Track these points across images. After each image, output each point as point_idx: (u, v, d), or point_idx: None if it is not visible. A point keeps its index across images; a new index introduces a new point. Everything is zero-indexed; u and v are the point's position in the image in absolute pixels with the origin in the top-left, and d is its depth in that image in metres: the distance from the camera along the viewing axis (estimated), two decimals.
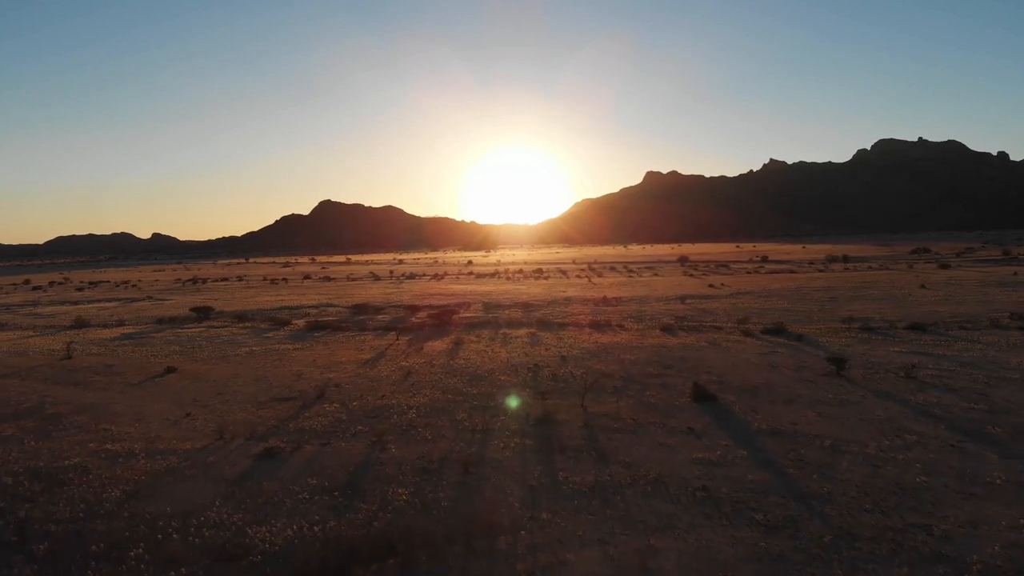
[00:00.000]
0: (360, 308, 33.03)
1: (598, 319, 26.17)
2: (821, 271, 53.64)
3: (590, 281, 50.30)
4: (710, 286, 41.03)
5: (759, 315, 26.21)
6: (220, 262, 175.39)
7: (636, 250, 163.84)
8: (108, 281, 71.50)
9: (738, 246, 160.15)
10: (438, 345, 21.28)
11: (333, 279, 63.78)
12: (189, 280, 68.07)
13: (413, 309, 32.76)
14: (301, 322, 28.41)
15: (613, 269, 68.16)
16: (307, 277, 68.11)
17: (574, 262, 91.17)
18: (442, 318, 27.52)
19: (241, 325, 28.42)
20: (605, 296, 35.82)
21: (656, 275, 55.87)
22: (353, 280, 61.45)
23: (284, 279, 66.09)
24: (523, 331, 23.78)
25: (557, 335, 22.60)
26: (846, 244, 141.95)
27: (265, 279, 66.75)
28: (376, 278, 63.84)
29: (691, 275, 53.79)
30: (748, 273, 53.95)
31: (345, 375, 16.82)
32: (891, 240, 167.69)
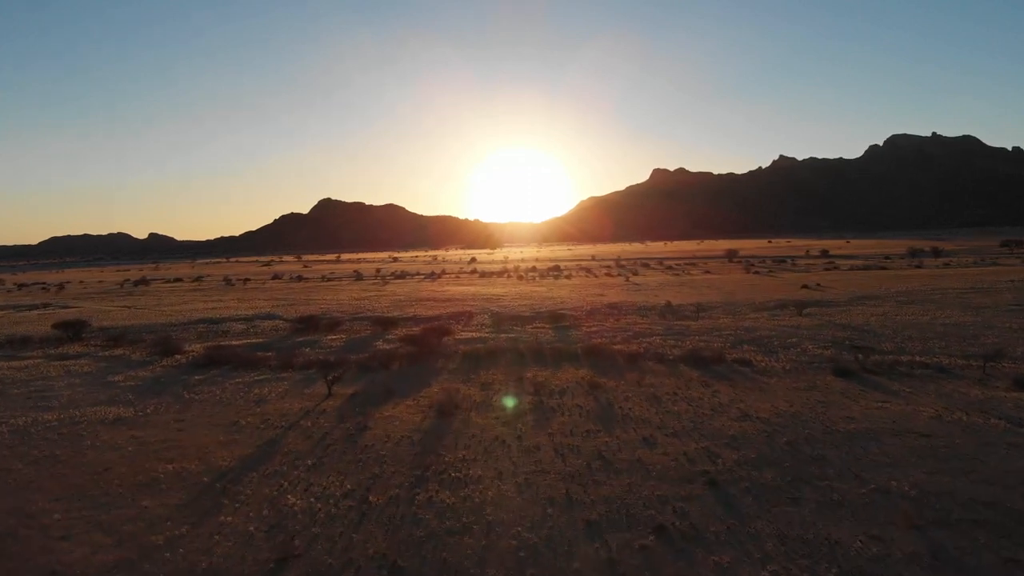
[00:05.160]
0: (307, 322, 22.05)
1: (691, 344, 15.21)
2: (918, 267, 42.36)
3: (628, 280, 39.09)
4: (804, 287, 29.84)
5: (952, 336, 15.15)
6: (198, 262, 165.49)
7: (657, 247, 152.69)
8: (46, 283, 60.75)
9: (770, 241, 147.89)
10: (402, 417, 10.24)
11: (305, 279, 52.67)
12: (137, 281, 57.08)
13: (385, 324, 21.75)
14: (199, 347, 17.71)
15: (647, 266, 56.84)
16: (276, 277, 57.04)
17: (594, 259, 79.89)
18: (425, 342, 16.62)
19: (106, 353, 17.90)
20: (668, 302, 24.77)
21: (709, 273, 44.53)
22: (329, 280, 50.34)
23: (246, 279, 54.97)
24: (570, 374, 12.80)
25: (647, 390, 11.48)
26: (886, 240, 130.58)
27: (224, 280, 55.60)
28: (358, 278, 52.71)
29: (758, 272, 42.41)
30: (826, 270, 42.62)
31: (111, 557, 5.78)
32: (937, 235, 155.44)
